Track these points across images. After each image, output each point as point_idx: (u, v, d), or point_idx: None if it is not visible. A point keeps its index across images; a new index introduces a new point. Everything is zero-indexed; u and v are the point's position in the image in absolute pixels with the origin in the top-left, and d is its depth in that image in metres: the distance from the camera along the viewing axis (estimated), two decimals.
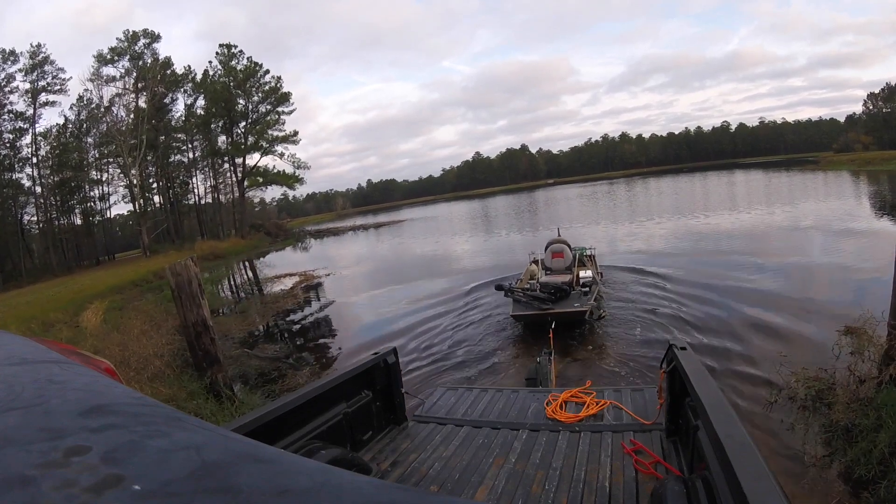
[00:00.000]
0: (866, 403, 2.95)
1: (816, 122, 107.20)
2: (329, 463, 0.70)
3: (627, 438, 2.48)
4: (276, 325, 9.73)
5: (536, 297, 6.61)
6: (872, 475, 2.55)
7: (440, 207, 66.08)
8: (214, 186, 42.83)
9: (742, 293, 7.28)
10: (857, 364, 3.30)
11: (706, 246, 11.91)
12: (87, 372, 0.46)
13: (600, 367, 5.39)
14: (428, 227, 32.94)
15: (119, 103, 34.78)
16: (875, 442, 2.64)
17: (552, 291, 6.61)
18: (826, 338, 5.20)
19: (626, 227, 18.08)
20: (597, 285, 7.38)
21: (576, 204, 34.95)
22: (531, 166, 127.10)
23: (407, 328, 7.88)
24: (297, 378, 6.09)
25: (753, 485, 1.05)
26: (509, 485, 2.21)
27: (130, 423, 0.34)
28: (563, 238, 9.15)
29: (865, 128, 62.41)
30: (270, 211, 65.78)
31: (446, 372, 5.85)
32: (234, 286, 18.21)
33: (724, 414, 1.49)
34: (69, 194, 36.71)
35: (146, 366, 5.56)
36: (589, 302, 6.47)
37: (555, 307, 6.37)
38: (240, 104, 40.99)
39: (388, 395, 3.05)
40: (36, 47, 33.73)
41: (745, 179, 40.27)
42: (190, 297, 4.99)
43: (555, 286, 6.75)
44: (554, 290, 6.63)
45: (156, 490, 0.26)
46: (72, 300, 13.14)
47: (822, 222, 13.24)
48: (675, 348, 2.28)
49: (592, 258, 9.18)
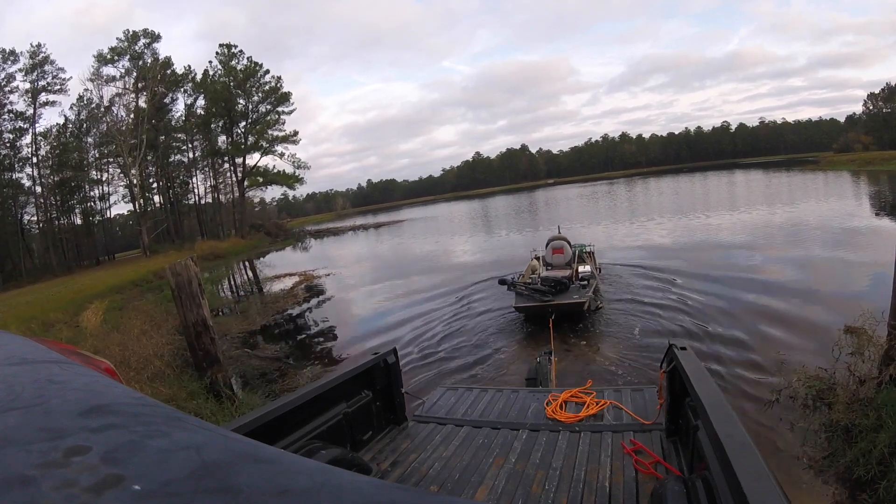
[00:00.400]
0: (866, 404, 2.94)
1: (816, 122, 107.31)
2: (329, 463, 0.70)
3: (627, 438, 2.48)
4: (276, 325, 9.73)
5: (537, 290, 6.91)
6: (872, 475, 2.55)
7: (440, 207, 66.08)
8: (214, 186, 42.88)
9: (743, 292, 7.29)
10: (857, 364, 3.29)
11: (706, 245, 11.91)
12: (87, 372, 0.46)
13: (600, 364, 5.41)
14: (428, 227, 32.94)
15: (119, 103, 34.86)
16: (875, 442, 2.64)
17: (552, 285, 6.95)
18: (826, 337, 5.22)
19: (626, 227, 18.09)
20: (595, 280, 7.71)
21: (576, 204, 34.96)
22: (531, 166, 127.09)
23: (406, 325, 7.89)
24: (298, 378, 6.09)
25: (753, 485, 1.05)
26: (509, 485, 2.21)
27: (130, 423, 0.34)
28: (564, 235, 9.46)
29: (865, 128, 62.41)
30: (270, 211, 65.77)
31: (446, 367, 5.89)
32: (235, 286, 18.21)
33: (724, 414, 1.49)
34: (69, 194, 36.71)
35: (146, 366, 5.56)
36: (587, 294, 6.79)
37: (555, 299, 6.66)
38: (240, 104, 40.99)
39: (389, 395, 3.05)
40: (36, 47, 33.77)
41: (746, 179, 40.27)
42: (190, 297, 4.99)
43: (555, 280, 7.11)
44: (554, 283, 6.98)
45: (156, 490, 0.26)
46: (72, 300, 13.14)
47: (822, 222, 13.24)
48: (676, 348, 2.28)
49: (591, 255, 9.43)
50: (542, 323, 6.41)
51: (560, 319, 6.44)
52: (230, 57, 40.96)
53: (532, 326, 6.87)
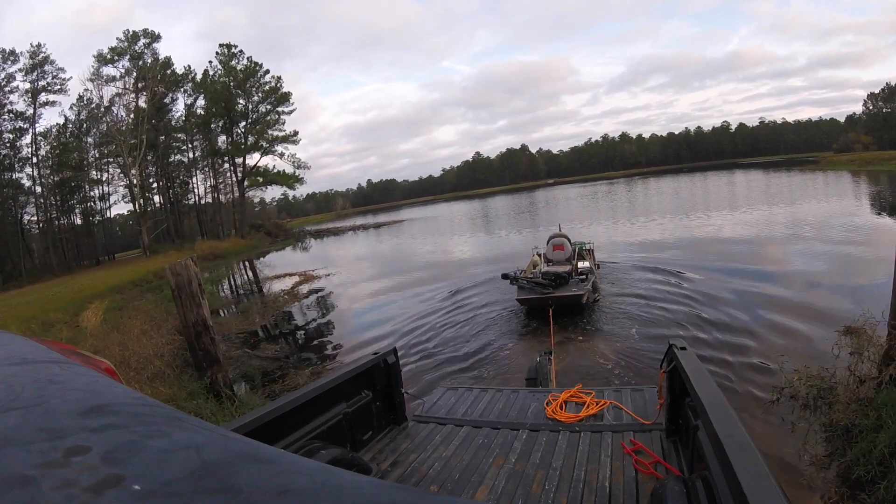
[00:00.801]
0: (866, 404, 2.94)
1: (816, 122, 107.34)
2: (329, 463, 0.70)
3: (627, 438, 2.47)
4: (276, 325, 9.73)
5: (538, 284, 7.32)
6: (872, 476, 2.55)
7: (440, 207, 66.07)
8: (214, 186, 42.90)
9: (742, 291, 7.30)
10: (857, 364, 3.28)
11: (705, 243, 11.91)
12: (87, 372, 0.46)
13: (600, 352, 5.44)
14: (428, 228, 32.94)
15: (119, 103, 34.89)
16: (875, 442, 2.63)
17: (552, 279, 7.34)
18: (824, 336, 5.21)
19: (626, 227, 18.09)
20: (593, 275, 8.09)
21: (576, 204, 34.94)
22: (531, 166, 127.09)
23: (406, 324, 7.91)
24: (298, 378, 6.08)
25: (753, 485, 1.05)
26: (509, 485, 2.21)
27: (130, 423, 0.34)
28: (564, 233, 9.85)
29: (865, 128, 62.46)
30: (270, 211, 65.83)
31: (445, 363, 5.92)
32: (235, 286, 18.21)
33: (724, 414, 1.49)
34: (69, 194, 36.73)
35: (146, 365, 5.55)
36: (585, 287, 7.19)
37: (554, 292, 7.06)
38: (240, 104, 41.00)
39: (389, 395, 3.05)
40: (36, 47, 33.79)
41: (746, 179, 40.27)
42: (190, 297, 4.97)
43: (555, 274, 7.50)
44: (554, 277, 7.38)
45: (156, 490, 0.26)
46: (72, 300, 13.14)
47: (822, 222, 13.24)
48: (675, 348, 2.27)
49: (591, 252, 9.76)
50: (542, 314, 6.77)
51: (559, 311, 6.80)
52: (230, 57, 40.99)
53: (533, 320, 7.05)
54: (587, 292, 7.17)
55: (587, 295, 7.18)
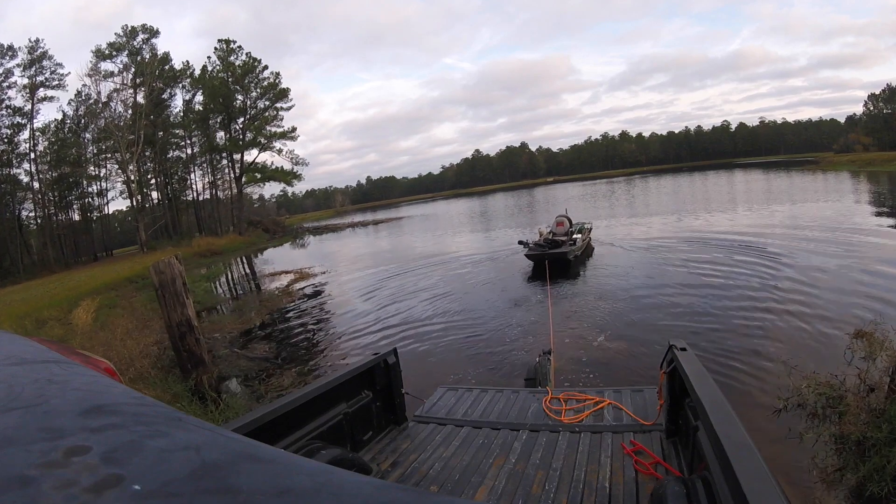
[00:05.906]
0: (878, 415, 2.76)
1: (817, 122, 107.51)
2: (329, 463, 0.70)
3: (627, 439, 2.48)
4: (271, 323, 9.68)
5: (540, 246, 11.19)
6: (886, 492, 2.44)
7: (439, 205, 65.99)
8: (212, 182, 42.78)
9: (741, 289, 7.32)
10: (867, 371, 3.02)
11: (706, 242, 11.92)
12: (87, 372, 0.46)
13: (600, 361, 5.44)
14: (427, 225, 32.90)
15: (117, 99, 34.62)
16: (889, 457, 2.50)
17: (549, 243, 11.21)
18: (826, 338, 5.22)
19: (627, 226, 18.10)
20: (583, 243, 11.75)
21: (575, 203, 34.93)
22: (531, 164, 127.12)
23: (405, 323, 7.90)
24: (283, 379, 5.89)
25: (753, 485, 1.05)
26: (509, 485, 2.21)
27: (130, 423, 0.34)
28: (567, 215, 13.25)
29: (866, 129, 62.45)
30: (269, 207, 65.84)
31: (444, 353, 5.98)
32: (231, 283, 18.17)
33: (723, 414, 1.49)
34: (67, 190, 36.63)
35: (128, 367, 5.35)
36: (572, 249, 10.72)
37: (550, 251, 10.63)
38: (238, 100, 40.82)
39: (389, 396, 3.05)
40: (34, 42, 33.58)
41: (746, 179, 40.26)
42: (174, 296, 4.81)
43: (552, 241, 11.30)
44: (550, 242, 11.24)
45: (156, 490, 0.26)
46: (67, 297, 13.08)
47: (822, 221, 13.26)
48: (675, 349, 2.28)
49: (589, 230, 13.21)
50: (541, 268, 9.94)
51: (553, 265, 10.02)
52: (228, 52, 40.79)
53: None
54: (571, 251, 10.64)
55: (572, 254, 10.63)
